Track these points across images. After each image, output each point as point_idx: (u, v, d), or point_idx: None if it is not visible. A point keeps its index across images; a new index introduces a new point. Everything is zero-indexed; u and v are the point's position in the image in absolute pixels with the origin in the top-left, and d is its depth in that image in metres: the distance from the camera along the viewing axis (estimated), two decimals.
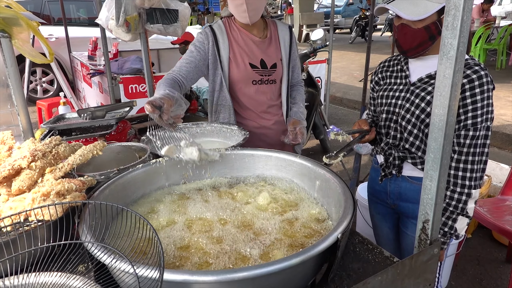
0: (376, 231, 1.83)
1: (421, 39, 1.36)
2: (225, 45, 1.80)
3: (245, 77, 1.83)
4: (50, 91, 7.47)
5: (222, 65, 1.80)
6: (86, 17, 8.00)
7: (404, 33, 1.38)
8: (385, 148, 1.56)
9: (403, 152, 1.50)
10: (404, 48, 1.41)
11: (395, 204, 1.63)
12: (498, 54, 8.16)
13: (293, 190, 1.35)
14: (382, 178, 1.60)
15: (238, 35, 1.84)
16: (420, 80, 1.44)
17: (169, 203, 1.29)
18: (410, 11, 1.32)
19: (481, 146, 1.34)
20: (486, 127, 1.33)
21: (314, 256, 0.84)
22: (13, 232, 0.92)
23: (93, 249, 0.85)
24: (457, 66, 0.80)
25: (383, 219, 1.76)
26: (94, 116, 1.93)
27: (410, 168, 1.52)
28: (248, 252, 1.01)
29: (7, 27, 1.59)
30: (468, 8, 0.76)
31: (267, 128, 1.95)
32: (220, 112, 1.91)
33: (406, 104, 1.45)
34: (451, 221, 1.38)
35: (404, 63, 1.52)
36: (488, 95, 1.31)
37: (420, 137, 1.44)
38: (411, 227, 1.58)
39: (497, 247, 2.93)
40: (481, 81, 1.30)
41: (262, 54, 1.84)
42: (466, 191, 1.35)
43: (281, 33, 1.89)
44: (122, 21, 2.64)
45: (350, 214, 0.98)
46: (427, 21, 1.33)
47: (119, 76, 4.28)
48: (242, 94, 1.87)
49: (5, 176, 1.10)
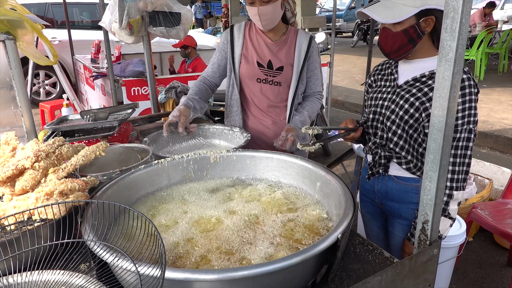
0: (366, 230, 1.87)
1: (400, 42, 1.40)
2: (239, 43, 1.95)
3: (251, 74, 1.94)
4: (53, 94, 7.51)
5: (234, 61, 1.95)
6: (89, 20, 8.05)
7: (385, 36, 1.43)
8: (372, 147, 1.59)
9: (389, 151, 1.53)
10: (386, 51, 1.46)
11: (382, 204, 1.66)
12: (500, 58, 8.16)
13: (293, 191, 1.36)
14: (370, 177, 1.63)
15: (254, 36, 1.96)
16: (406, 82, 1.48)
17: (171, 203, 1.30)
18: (384, 14, 1.36)
19: (462, 148, 1.35)
20: (468, 129, 1.34)
21: (314, 256, 0.85)
22: (16, 231, 0.94)
23: (95, 247, 0.86)
24: (456, 67, 0.81)
25: (372, 218, 1.79)
26: (96, 118, 1.95)
27: (396, 167, 1.55)
28: (249, 251, 1.02)
29: (12, 29, 1.61)
30: (466, 10, 0.77)
31: (266, 127, 2.01)
32: (232, 106, 2.03)
33: (391, 105, 1.49)
34: None
35: (394, 67, 1.56)
36: (470, 98, 1.33)
37: (404, 137, 1.47)
38: (398, 227, 1.62)
39: (498, 250, 2.93)
40: (463, 84, 1.32)
41: (271, 55, 1.92)
42: (447, 191, 1.37)
43: (299, 41, 1.94)
44: (125, 24, 2.67)
45: (350, 215, 0.99)
46: (405, 25, 1.37)
47: (122, 79, 4.30)
48: (249, 90, 1.99)
49: (9, 176, 1.11)
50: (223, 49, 1.99)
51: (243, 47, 1.94)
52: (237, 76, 1.96)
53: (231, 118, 2.05)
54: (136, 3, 2.69)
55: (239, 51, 1.94)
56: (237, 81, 1.96)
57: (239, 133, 1.88)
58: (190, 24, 3.02)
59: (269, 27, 1.87)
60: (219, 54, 2.00)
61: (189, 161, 1.43)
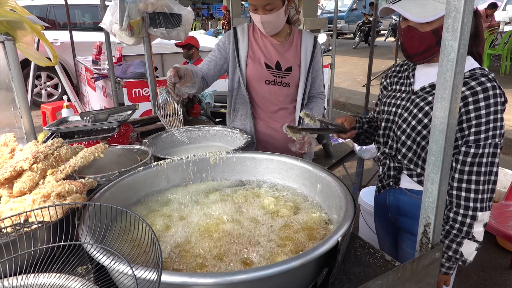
0: (380, 245, 1.78)
1: (428, 44, 1.26)
2: (244, 44, 1.91)
3: (259, 76, 1.90)
4: (54, 95, 7.52)
5: (240, 63, 1.90)
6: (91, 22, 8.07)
7: (410, 36, 1.29)
8: (381, 157, 1.49)
9: (399, 162, 1.42)
10: (410, 53, 1.32)
11: (395, 219, 1.56)
12: (502, 59, 8.14)
13: (294, 193, 1.35)
14: (380, 190, 1.55)
15: (259, 37, 1.93)
16: (422, 89, 1.36)
17: (170, 205, 1.29)
18: (417, 12, 1.22)
19: (487, 165, 1.22)
20: (494, 144, 1.21)
21: (314, 259, 0.84)
22: (13, 233, 0.93)
23: (92, 250, 0.85)
24: (458, 68, 0.80)
25: (386, 234, 1.70)
26: (96, 119, 1.94)
27: (407, 180, 1.44)
28: (249, 255, 1.01)
29: (11, 30, 1.60)
30: (468, 10, 0.75)
31: (275, 130, 1.97)
32: (238, 110, 1.99)
33: (404, 114, 1.38)
34: (456, 244, 1.29)
35: (411, 70, 1.44)
36: (496, 109, 1.20)
37: (414, 149, 1.35)
38: (407, 242, 1.52)
39: (501, 253, 2.90)
40: (487, 93, 1.20)
41: (279, 56, 1.90)
42: (471, 213, 1.25)
43: (304, 41, 1.93)
44: (125, 25, 2.66)
45: (351, 218, 0.97)
46: (435, 24, 1.23)
47: (123, 80, 4.30)
48: (255, 93, 1.94)
49: (7, 178, 1.10)
50: (224, 49, 1.93)
51: (249, 49, 1.91)
52: (244, 78, 1.91)
53: (240, 122, 1.99)
54: (136, 5, 2.68)
55: (244, 53, 1.90)
56: (244, 84, 1.92)
57: (239, 135, 1.87)
58: (190, 25, 3.01)
59: (272, 33, 1.87)
60: (218, 53, 1.93)
61: (189, 162, 1.42)
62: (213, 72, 1.89)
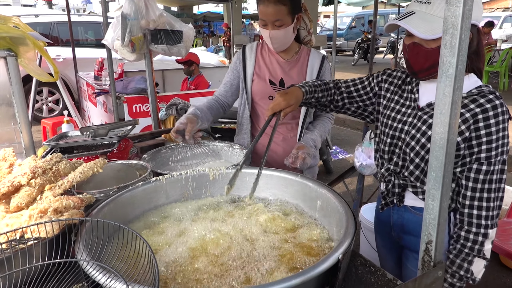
0: (382, 263, 1.74)
1: (434, 60, 1.24)
2: (251, 62, 1.97)
3: (263, 92, 1.95)
4: (55, 110, 7.56)
5: (246, 80, 1.97)
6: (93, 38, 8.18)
7: (415, 52, 1.28)
8: (385, 174, 1.47)
9: (404, 179, 1.40)
10: (415, 69, 1.31)
11: (399, 237, 1.53)
12: (500, 76, 8.22)
13: (294, 209, 1.33)
14: (384, 207, 1.52)
15: (266, 55, 1.98)
16: (429, 105, 1.34)
17: (168, 221, 1.27)
18: (424, 29, 1.21)
19: (497, 182, 1.24)
20: (502, 161, 1.23)
21: (314, 277, 0.82)
22: (8, 250, 0.91)
23: (88, 267, 0.83)
24: (457, 84, 0.80)
25: (388, 253, 1.66)
26: (96, 134, 1.94)
27: (412, 197, 1.42)
28: (248, 272, 0.99)
29: (14, 46, 1.62)
30: (466, 27, 0.76)
31: (275, 144, 1.99)
32: (243, 124, 2.04)
33: (412, 131, 1.35)
34: (467, 263, 1.27)
35: (415, 84, 1.42)
36: (504, 126, 1.21)
37: (422, 167, 1.33)
38: (412, 261, 1.49)
39: (505, 271, 2.86)
40: (496, 111, 1.20)
41: (283, 74, 1.94)
42: (483, 231, 1.25)
43: (312, 60, 1.95)
44: (127, 41, 2.70)
45: (352, 235, 0.96)
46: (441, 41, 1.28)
47: (124, 96, 4.33)
48: (259, 108, 1.99)
49: (4, 193, 1.09)
50: (236, 69, 2.01)
51: (256, 66, 1.96)
52: (249, 94, 1.97)
53: (241, 136, 2.05)
54: (138, 21, 2.72)
55: (251, 70, 1.96)
56: (249, 100, 1.97)
57: (239, 150, 1.87)
58: (191, 42, 3.06)
59: (280, 49, 1.90)
60: (231, 73, 2.02)
61: (188, 178, 1.41)
62: (231, 93, 2.02)
